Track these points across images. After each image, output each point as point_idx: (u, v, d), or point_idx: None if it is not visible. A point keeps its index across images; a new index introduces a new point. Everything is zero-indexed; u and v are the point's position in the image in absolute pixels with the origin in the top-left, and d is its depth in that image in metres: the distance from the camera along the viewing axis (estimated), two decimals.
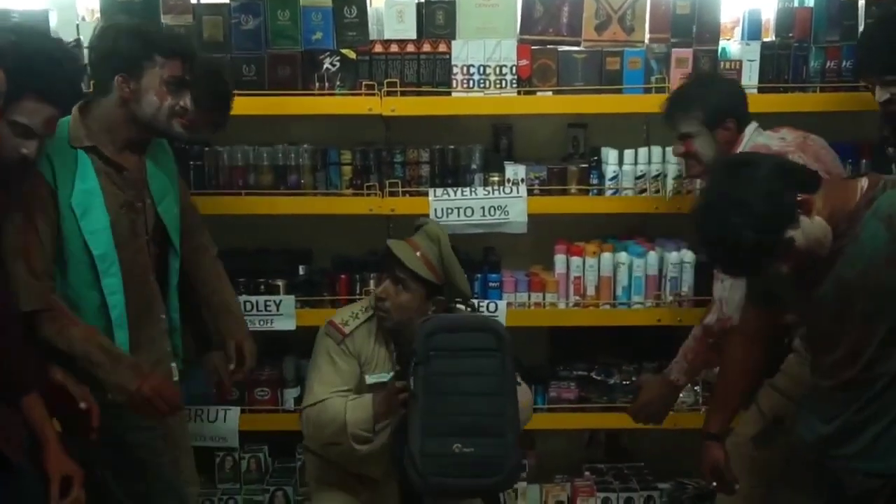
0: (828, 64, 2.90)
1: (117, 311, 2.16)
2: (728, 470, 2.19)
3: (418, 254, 2.37)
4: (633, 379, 3.15)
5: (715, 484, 2.25)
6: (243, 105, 2.83)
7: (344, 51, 2.87)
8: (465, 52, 2.88)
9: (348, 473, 2.47)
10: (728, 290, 2.45)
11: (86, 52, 2.96)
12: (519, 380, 2.34)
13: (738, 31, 3.00)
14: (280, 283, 2.97)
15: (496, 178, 2.98)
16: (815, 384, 2.05)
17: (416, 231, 2.47)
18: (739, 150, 2.50)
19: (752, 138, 2.54)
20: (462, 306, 2.49)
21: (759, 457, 2.47)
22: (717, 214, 1.80)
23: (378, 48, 2.89)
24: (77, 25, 3.06)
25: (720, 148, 2.54)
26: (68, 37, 2.96)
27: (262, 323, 2.95)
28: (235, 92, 2.83)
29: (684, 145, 2.59)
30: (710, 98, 2.53)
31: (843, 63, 2.90)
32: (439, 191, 2.93)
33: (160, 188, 2.30)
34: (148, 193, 2.27)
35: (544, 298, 3.04)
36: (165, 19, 2.86)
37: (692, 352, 2.61)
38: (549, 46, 2.91)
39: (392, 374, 2.38)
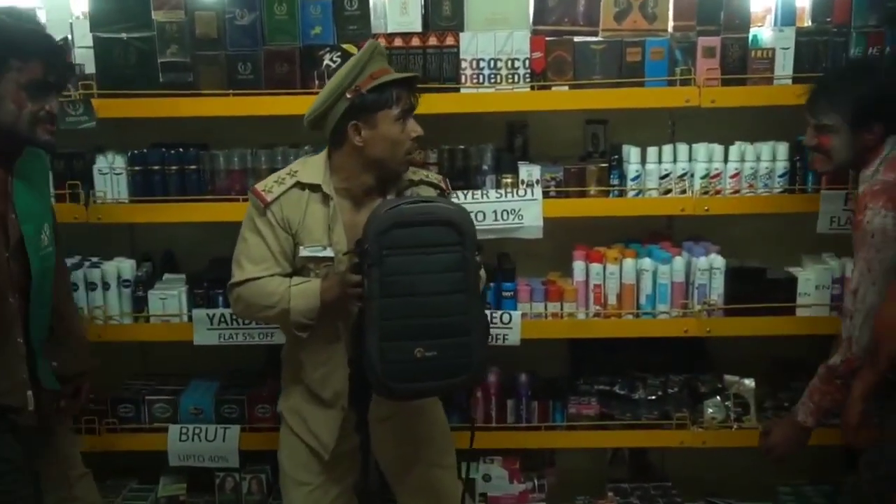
0: (870, 51, 2.67)
1: None
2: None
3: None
4: (659, 393, 2.94)
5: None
6: (240, 105, 2.71)
7: (345, 46, 2.67)
8: (474, 44, 2.69)
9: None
10: (860, 319, 2.27)
11: (76, 51, 2.90)
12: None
13: (770, 17, 2.78)
14: None
15: (509, 180, 2.79)
16: None
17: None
18: (877, 161, 2.32)
19: (891, 151, 2.32)
20: (430, 188, 2.28)
21: None
22: None
23: (381, 42, 2.70)
24: (70, 24, 2.94)
25: (858, 152, 2.34)
26: (59, 35, 2.85)
27: (261, 336, 2.81)
28: (231, 91, 2.70)
29: (818, 138, 2.39)
30: (864, 94, 2.30)
31: (887, 49, 2.66)
32: None
33: (27, 204, 2.14)
34: (12, 208, 2.11)
35: (562, 308, 2.84)
36: (156, 15, 2.70)
37: (818, 392, 2.42)
38: (564, 37, 2.71)
39: (326, 248, 2.17)
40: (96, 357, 2.50)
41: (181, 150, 2.82)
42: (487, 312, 2.78)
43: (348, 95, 2.09)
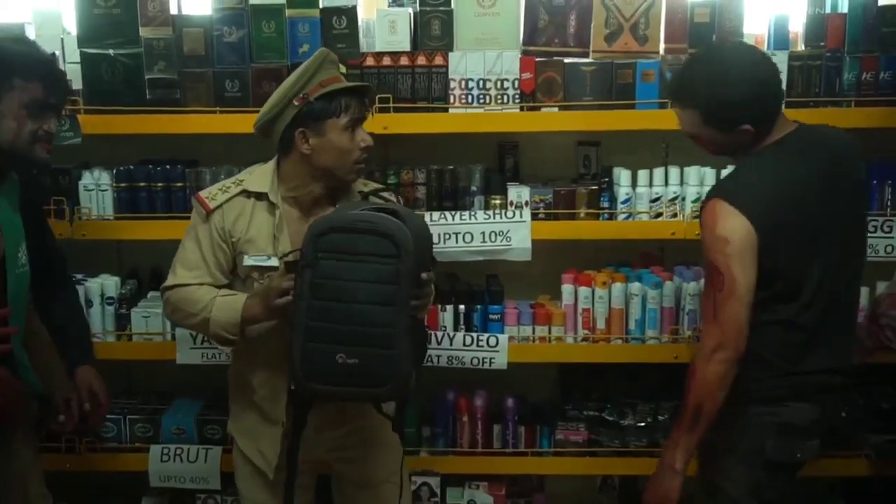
0: (864, 76, 2.63)
1: None
2: None
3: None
4: (649, 420, 2.89)
5: None
6: (227, 123, 2.68)
7: None
8: (463, 64, 2.66)
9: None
10: None
11: (64, 67, 2.88)
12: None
13: (762, 41, 2.75)
14: None
15: (498, 201, 2.75)
16: None
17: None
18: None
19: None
20: (381, 201, 2.25)
21: None
22: None
23: (370, 61, 2.69)
24: (62, 39, 2.93)
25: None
26: (50, 50, 2.84)
27: None
28: (219, 109, 2.68)
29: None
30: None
31: (882, 74, 2.63)
32: (436, 214, 2.71)
33: (8, 222, 2.13)
34: None
35: (550, 332, 2.79)
36: (144, 31, 2.69)
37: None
38: (554, 58, 2.68)
39: (271, 257, 2.15)
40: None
41: (168, 167, 2.79)
42: (474, 335, 2.75)
43: (296, 103, 2.08)
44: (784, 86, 2.58)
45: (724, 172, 2.72)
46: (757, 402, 2.04)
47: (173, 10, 2.72)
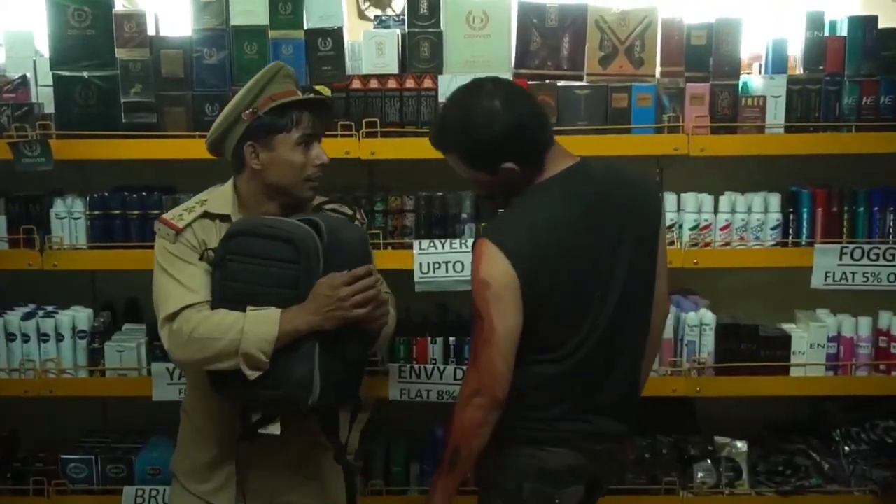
0: (864, 100, 2.57)
1: None
2: None
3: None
4: (647, 456, 2.78)
5: None
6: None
7: (318, 87, 2.55)
8: (453, 87, 2.49)
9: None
10: None
11: (37, 90, 2.77)
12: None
13: (760, 65, 2.69)
14: None
15: None
16: None
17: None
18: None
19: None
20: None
21: None
22: None
23: (356, 84, 2.60)
24: (34, 61, 2.82)
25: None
26: (21, 73, 2.74)
27: None
28: (198, 133, 2.57)
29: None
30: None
31: (882, 99, 2.56)
32: (425, 243, 2.60)
33: None
34: None
35: None
36: (120, 53, 2.58)
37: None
38: (547, 82, 2.60)
39: None
40: None
41: (144, 193, 2.68)
42: (464, 369, 2.63)
43: (244, 117, 1.99)
44: (783, 110, 2.57)
45: (723, 199, 2.67)
46: (521, 442, 1.97)
47: (151, 31, 2.61)
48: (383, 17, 2.87)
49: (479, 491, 2.09)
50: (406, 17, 2.61)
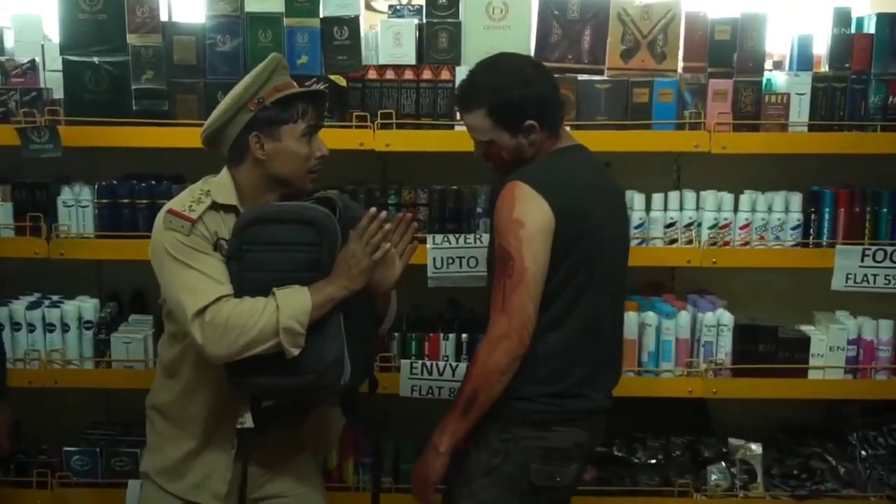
0: (890, 99, 2.52)
1: None
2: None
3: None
4: (660, 457, 2.74)
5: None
6: None
7: (333, 77, 2.52)
8: None
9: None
10: None
11: (45, 74, 2.72)
12: None
13: (785, 62, 2.64)
14: None
15: None
16: None
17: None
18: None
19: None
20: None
21: None
22: None
23: (372, 74, 2.54)
24: (42, 46, 2.77)
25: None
26: (29, 57, 2.68)
27: None
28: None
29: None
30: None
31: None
32: (439, 237, 2.56)
33: None
34: None
35: None
36: (131, 38, 2.53)
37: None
38: (567, 75, 2.54)
39: None
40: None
41: (153, 182, 2.63)
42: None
43: (251, 107, 1.94)
44: (807, 108, 2.52)
45: (743, 198, 2.62)
46: (527, 425, 1.98)
47: (163, 17, 2.56)
48: (397, 7, 2.81)
49: (461, 483, 2.02)
50: (424, 7, 2.56)
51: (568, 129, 2.14)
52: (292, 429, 2.12)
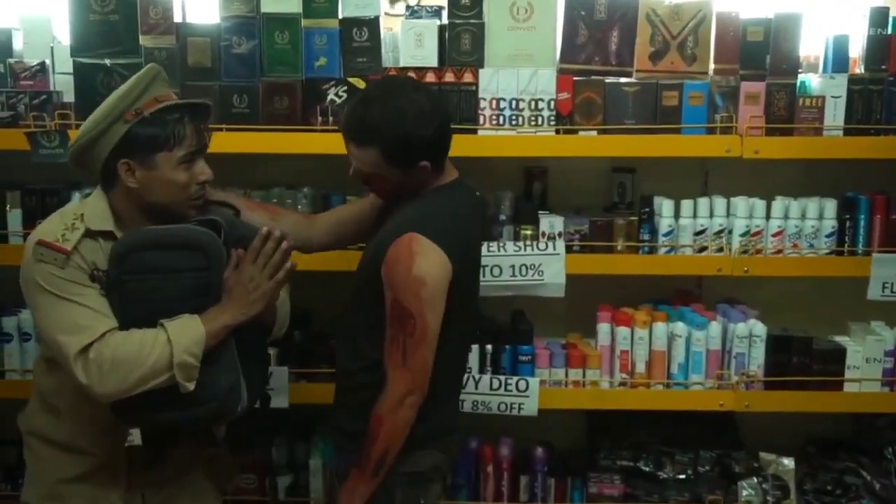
0: None
1: None
2: None
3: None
4: (689, 472, 2.66)
5: None
6: (233, 141, 2.43)
7: (352, 80, 2.44)
8: (494, 83, 2.44)
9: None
10: None
11: (54, 77, 2.64)
12: None
13: (820, 64, 2.56)
14: (270, 351, 2.50)
15: (529, 232, 2.53)
16: None
17: None
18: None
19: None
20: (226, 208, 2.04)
21: None
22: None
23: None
24: (51, 48, 2.70)
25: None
26: (38, 59, 2.61)
27: None
28: (225, 126, 2.44)
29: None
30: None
31: None
32: None
33: None
34: None
35: (584, 375, 2.56)
36: (144, 40, 2.45)
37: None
38: (594, 77, 2.47)
39: None
40: None
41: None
42: (502, 378, 2.52)
43: (128, 118, 1.78)
44: (842, 112, 2.44)
45: (775, 205, 2.54)
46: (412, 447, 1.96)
47: (177, 18, 2.48)
48: (415, 8, 2.74)
49: None
50: (446, 7, 2.48)
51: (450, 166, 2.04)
52: (185, 444, 2.00)
